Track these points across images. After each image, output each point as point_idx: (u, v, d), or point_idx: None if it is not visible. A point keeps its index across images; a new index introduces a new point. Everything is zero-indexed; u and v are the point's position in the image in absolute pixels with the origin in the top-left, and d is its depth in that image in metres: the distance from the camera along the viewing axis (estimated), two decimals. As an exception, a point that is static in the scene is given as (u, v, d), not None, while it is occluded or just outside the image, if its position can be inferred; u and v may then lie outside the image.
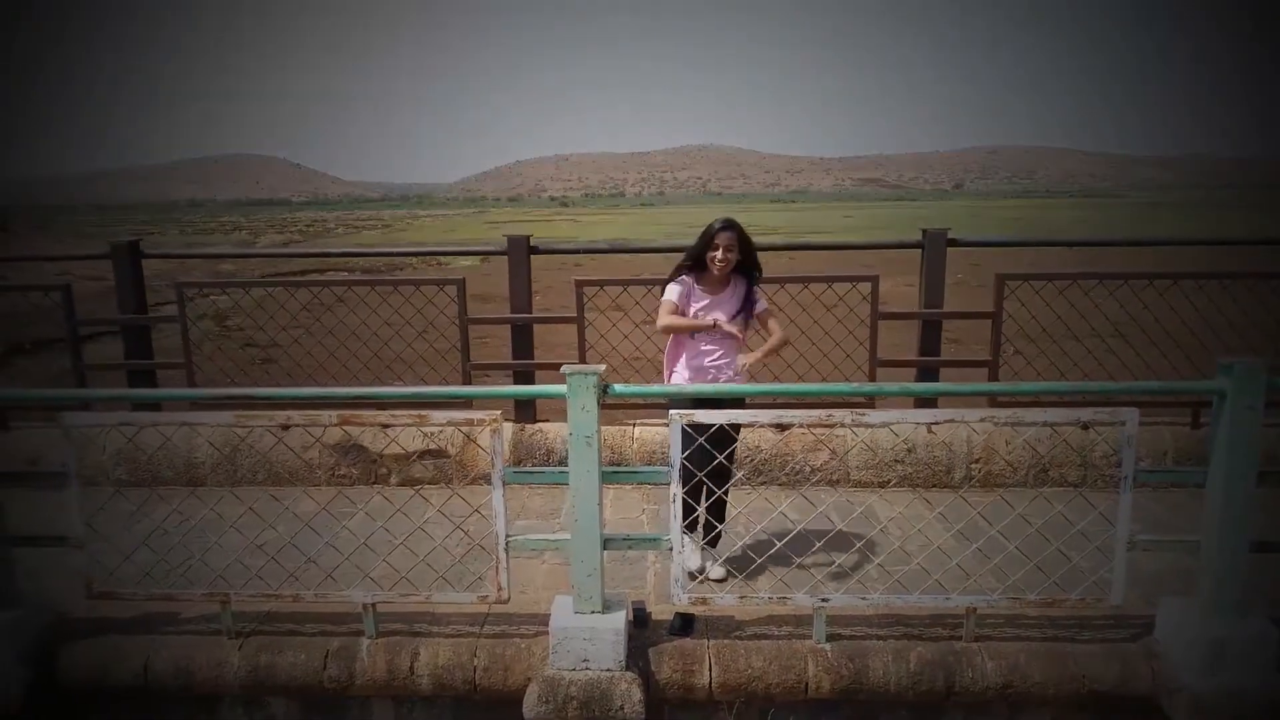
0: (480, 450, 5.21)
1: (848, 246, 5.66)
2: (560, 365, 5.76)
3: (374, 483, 5.30)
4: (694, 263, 3.90)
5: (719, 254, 3.82)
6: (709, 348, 3.92)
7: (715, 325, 3.84)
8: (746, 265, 3.95)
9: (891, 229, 64.90)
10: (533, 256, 5.37)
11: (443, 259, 28.71)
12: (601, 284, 5.23)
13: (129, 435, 4.53)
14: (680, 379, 3.95)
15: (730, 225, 3.86)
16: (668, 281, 3.97)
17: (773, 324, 4.00)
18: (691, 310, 3.91)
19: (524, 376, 5.43)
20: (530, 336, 5.39)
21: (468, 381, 5.35)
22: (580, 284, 5.18)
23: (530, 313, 5.36)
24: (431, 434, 5.29)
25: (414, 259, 27.87)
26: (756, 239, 4.02)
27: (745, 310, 3.96)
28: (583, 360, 5.24)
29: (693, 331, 3.89)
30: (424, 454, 5.31)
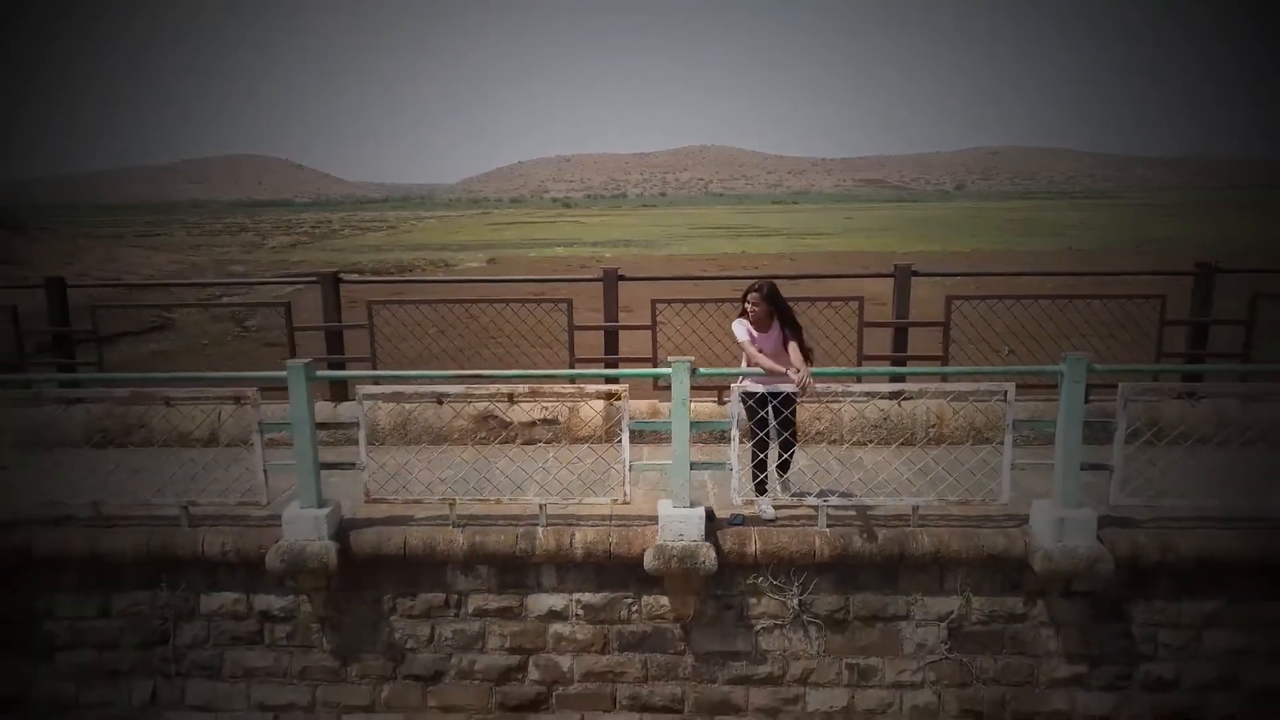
0: (580, 419, 7.35)
1: (835, 275, 7.76)
2: (636, 359, 7.88)
3: (504, 443, 7.43)
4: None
5: (749, 305, 5.59)
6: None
7: (784, 373, 5.38)
8: (787, 322, 5.58)
9: (891, 230, 67.32)
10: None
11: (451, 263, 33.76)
12: (669, 301, 7.38)
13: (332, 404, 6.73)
14: (748, 381, 5.68)
15: (757, 288, 5.56)
16: (738, 319, 5.67)
17: (792, 349, 5.50)
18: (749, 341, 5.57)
19: (612, 367, 7.56)
20: (617, 338, 7.53)
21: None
22: (655, 302, 7.33)
23: (617, 321, 7.51)
24: (547, 406, 7.41)
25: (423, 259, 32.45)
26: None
27: (784, 343, 5.58)
28: (654, 354, 7.39)
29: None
30: (541, 422, 7.46)
